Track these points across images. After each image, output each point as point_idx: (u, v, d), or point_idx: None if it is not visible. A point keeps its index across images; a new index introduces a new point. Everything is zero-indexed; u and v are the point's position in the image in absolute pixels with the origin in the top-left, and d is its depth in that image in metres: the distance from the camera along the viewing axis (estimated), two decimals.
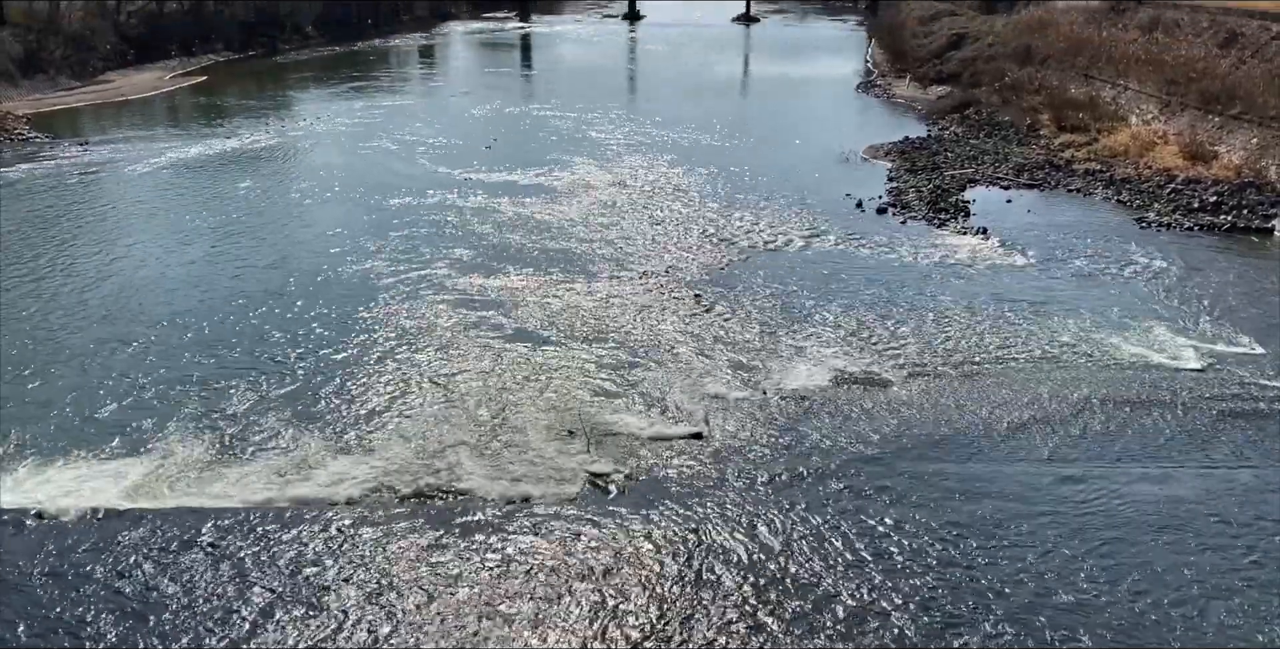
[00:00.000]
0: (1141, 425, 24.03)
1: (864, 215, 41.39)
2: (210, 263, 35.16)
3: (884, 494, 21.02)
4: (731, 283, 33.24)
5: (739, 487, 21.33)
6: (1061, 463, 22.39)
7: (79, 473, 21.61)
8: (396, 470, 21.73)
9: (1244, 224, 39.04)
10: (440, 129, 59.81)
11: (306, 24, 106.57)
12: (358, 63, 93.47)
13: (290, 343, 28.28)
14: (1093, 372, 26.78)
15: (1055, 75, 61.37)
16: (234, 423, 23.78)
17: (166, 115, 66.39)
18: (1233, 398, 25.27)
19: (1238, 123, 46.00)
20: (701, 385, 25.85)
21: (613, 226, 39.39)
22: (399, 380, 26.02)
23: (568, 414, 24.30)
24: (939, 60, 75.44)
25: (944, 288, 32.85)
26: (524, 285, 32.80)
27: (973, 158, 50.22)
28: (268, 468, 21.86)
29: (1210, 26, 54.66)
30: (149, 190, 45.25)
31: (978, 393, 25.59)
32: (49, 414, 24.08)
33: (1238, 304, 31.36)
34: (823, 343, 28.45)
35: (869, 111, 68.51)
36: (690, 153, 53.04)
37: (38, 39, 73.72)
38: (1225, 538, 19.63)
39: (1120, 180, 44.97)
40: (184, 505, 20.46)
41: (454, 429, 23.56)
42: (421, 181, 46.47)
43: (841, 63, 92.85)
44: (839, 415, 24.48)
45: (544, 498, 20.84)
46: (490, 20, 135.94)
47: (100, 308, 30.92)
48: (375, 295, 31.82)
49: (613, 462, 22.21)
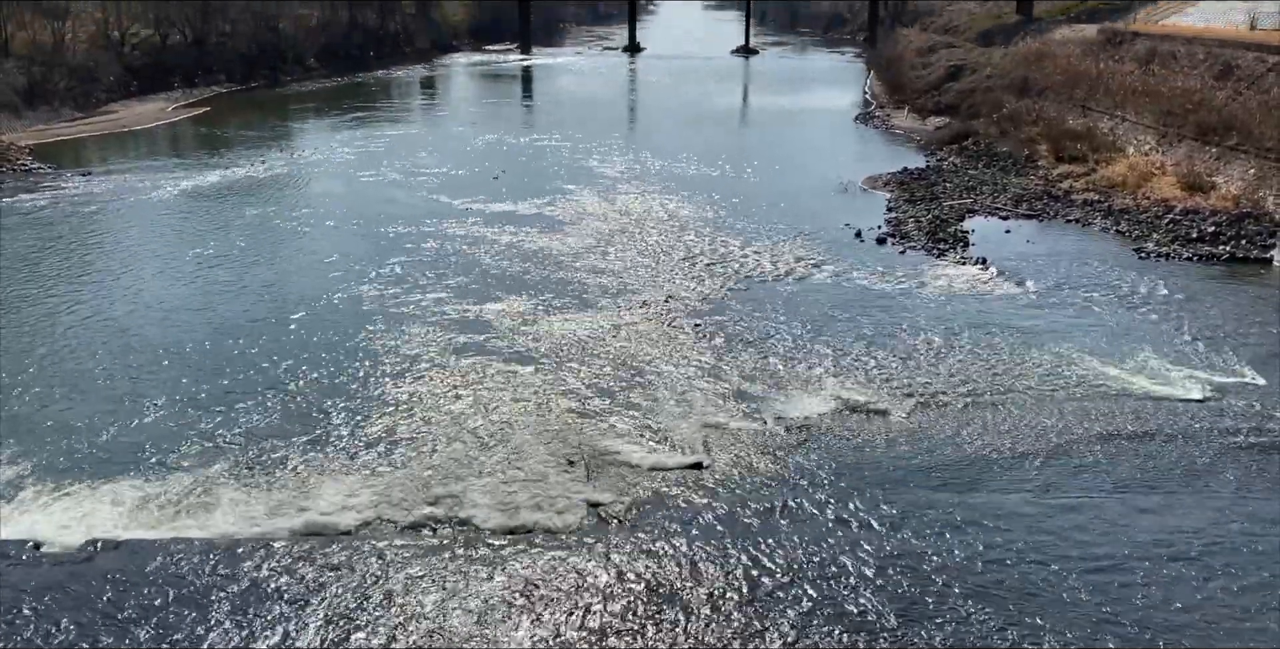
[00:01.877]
0: (1141, 456, 23.96)
1: (863, 245, 41.50)
2: (210, 291, 35.20)
3: (884, 525, 20.94)
4: (731, 312, 33.27)
5: (739, 517, 21.24)
6: (1061, 494, 22.30)
7: (77, 503, 21.54)
8: (396, 500, 21.66)
9: (1242, 254, 39.14)
10: (441, 159, 60.09)
11: (308, 56, 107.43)
12: (360, 94, 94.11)
13: (289, 372, 28.27)
14: (1093, 402, 26.74)
15: (1053, 106, 61.73)
16: (232, 452, 23.72)
17: (169, 146, 66.73)
18: (1233, 429, 25.20)
19: (1235, 154, 46.22)
20: (701, 414, 25.81)
21: (612, 256, 39.49)
22: (398, 408, 25.99)
23: (567, 443, 24.26)
24: (937, 91, 75.89)
25: (943, 318, 32.86)
26: (524, 314, 32.84)
27: (971, 188, 50.42)
28: (266, 498, 21.78)
29: (1206, 59, 55.06)
30: (150, 219, 45.39)
31: (977, 423, 25.56)
32: (48, 442, 24.04)
33: (1237, 334, 31.37)
34: (822, 372, 28.44)
35: (868, 142, 68.85)
36: (690, 183, 53.26)
37: (42, 70, 74.25)
38: (1228, 571, 19.51)
39: (1119, 210, 45.12)
40: (181, 536, 20.36)
41: (453, 458, 23.51)
42: (422, 211, 46.65)
43: (840, 94, 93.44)
44: (839, 445, 24.44)
45: (544, 528, 20.77)
46: (492, 53, 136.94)
47: (100, 335, 30.94)
48: (374, 324, 31.84)
49: (613, 491, 22.16)
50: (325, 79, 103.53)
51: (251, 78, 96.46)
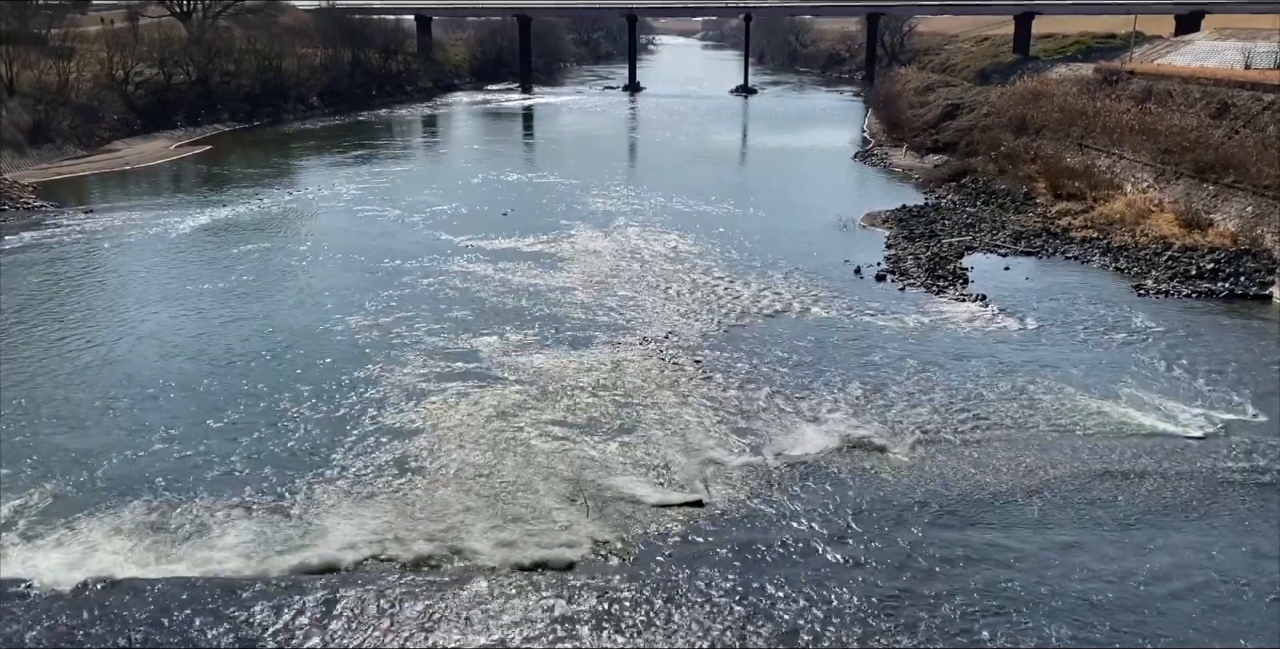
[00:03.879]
0: (1142, 493, 23.89)
1: (863, 282, 41.60)
2: (211, 326, 35.20)
3: (884, 563, 20.83)
4: (731, 349, 33.29)
5: (739, 556, 21.12)
6: (1061, 530, 22.22)
7: (75, 540, 21.45)
8: (397, 537, 21.58)
9: (1241, 291, 39.25)
10: (444, 196, 60.36)
11: (311, 94, 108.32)
12: (362, 132, 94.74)
13: (290, 407, 28.23)
14: (1093, 439, 26.69)
15: (1050, 144, 62.14)
16: (232, 488, 23.64)
17: (171, 184, 67.07)
18: (1234, 466, 25.15)
19: (1232, 191, 46.45)
20: (702, 451, 25.76)
21: (613, 292, 39.56)
22: (399, 444, 25.92)
23: (568, 479, 24.18)
24: (935, 130, 76.43)
25: (943, 354, 32.87)
26: (525, 350, 32.84)
27: (970, 225, 50.64)
28: (266, 535, 21.69)
29: (1202, 97, 55.47)
30: (151, 256, 45.53)
31: (978, 460, 25.49)
32: (46, 478, 23.98)
33: (1238, 371, 31.36)
34: (822, 409, 28.41)
35: (866, 180, 69.22)
36: (690, 220, 53.48)
37: (46, 109, 74.80)
38: (1230, 609, 19.40)
39: (1117, 248, 45.29)
40: (181, 575, 20.27)
41: (455, 494, 23.42)
42: (423, 247, 46.80)
43: (839, 132, 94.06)
44: (839, 482, 24.36)
45: (545, 565, 20.66)
46: (493, 92, 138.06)
47: (101, 371, 30.94)
48: (374, 359, 31.83)
49: (614, 529, 22.06)
50: (328, 117, 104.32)
51: (254, 116, 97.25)
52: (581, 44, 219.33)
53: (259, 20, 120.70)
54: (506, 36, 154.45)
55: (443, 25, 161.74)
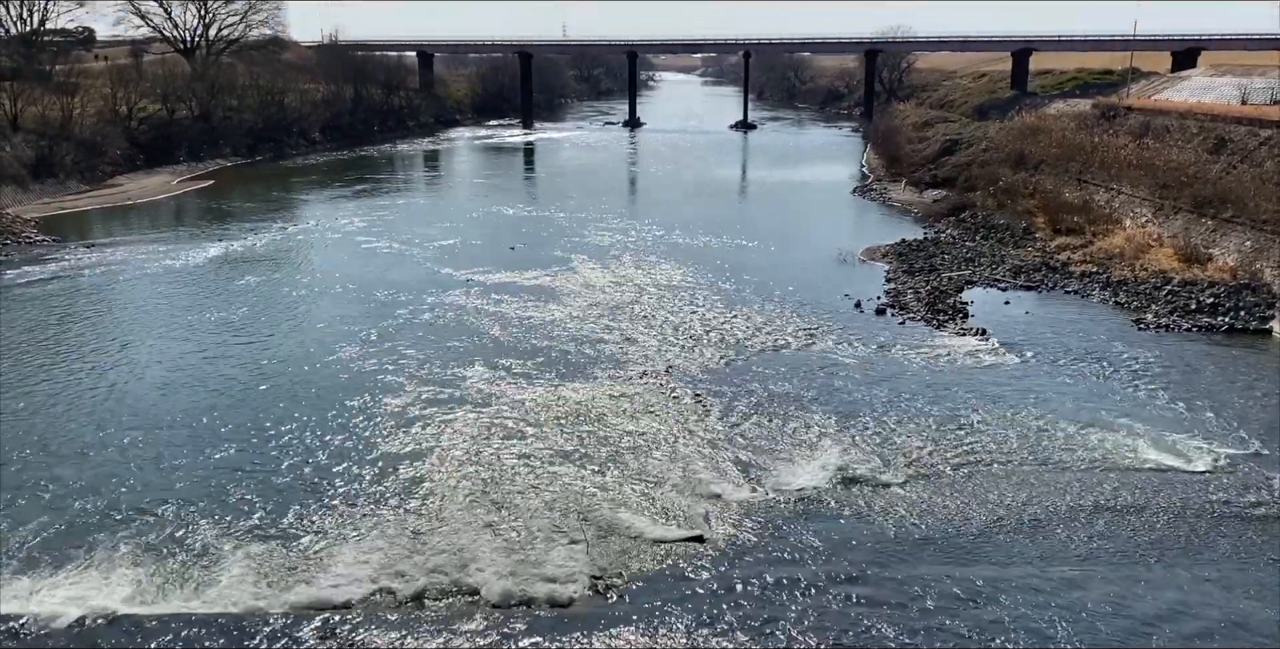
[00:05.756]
0: (1145, 528, 23.72)
1: (862, 316, 41.60)
2: (212, 361, 35.16)
3: (886, 601, 20.64)
4: (731, 382, 33.21)
5: (739, 593, 20.95)
6: (1062, 565, 22.03)
7: (76, 575, 21.29)
8: (396, 572, 21.43)
9: (1242, 325, 39.24)
10: (446, 231, 60.54)
11: (314, 130, 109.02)
12: (364, 167, 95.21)
13: (290, 440, 28.13)
14: (1094, 473, 26.55)
15: (1049, 179, 62.42)
16: (233, 521, 23.50)
17: (173, 218, 67.28)
18: (1237, 501, 25.00)
19: (1230, 226, 46.59)
20: (702, 485, 25.62)
21: (613, 326, 39.55)
22: (400, 478, 25.79)
23: (568, 514, 24.03)
24: (934, 165, 76.82)
25: (943, 389, 32.79)
26: (524, 383, 32.77)
27: (969, 260, 50.73)
28: (267, 569, 21.53)
29: (1200, 132, 55.82)
30: (152, 291, 45.59)
31: (979, 494, 25.34)
32: (47, 512, 23.84)
33: (1241, 405, 31.27)
34: (822, 443, 28.29)
35: (866, 214, 69.44)
36: (690, 254, 53.59)
37: (50, 144, 75.24)
38: (1234, 645, 19.20)
39: (1117, 282, 45.33)
40: (179, 612, 20.09)
41: (454, 529, 23.27)
42: (424, 282, 46.87)
43: (838, 167, 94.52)
44: (839, 517, 24.21)
45: (545, 600, 20.51)
46: (494, 127, 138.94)
47: (103, 404, 30.84)
48: (375, 393, 31.76)
49: (613, 564, 21.89)
50: (330, 152, 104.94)
51: (257, 151, 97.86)
52: (582, 80, 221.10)
53: (262, 56, 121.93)
54: (508, 72, 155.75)
55: (445, 61, 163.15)
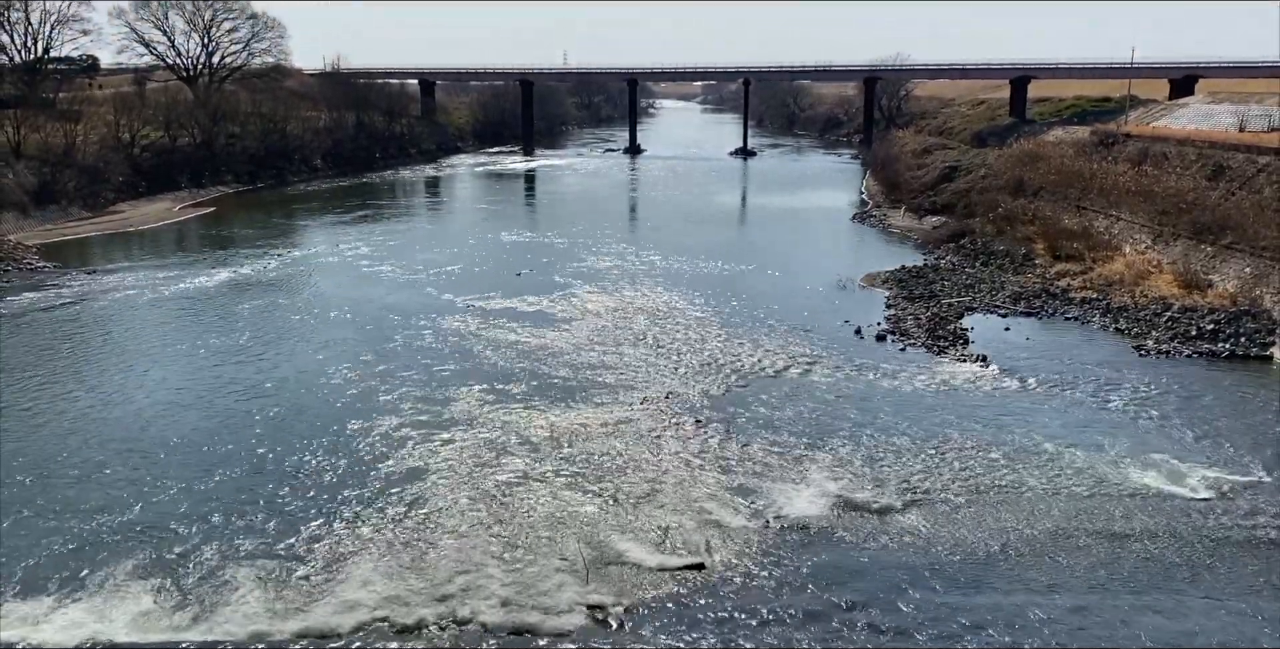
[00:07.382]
0: (1149, 555, 23.60)
1: (863, 342, 41.58)
2: (213, 385, 35.09)
3: (889, 630, 20.49)
4: (731, 409, 33.15)
5: (739, 622, 20.80)
6: (1067, 593, 21.90)
7: (77, 603, 21.17)
8: (395, 600, 21.31)
9: (1243, 351, 39.24)
10: (447, 257, 60.63)
11: (315, 156, 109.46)
12: (365, 193, 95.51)
13: (291, 465, 28.05)
14: (1097, 500, 26.44)
15: (1048, 206, 62.57)
16: (235, 547, 23.39)
17: (174, 245, 67.43)
18: (1241, 527, 24.90)
19: (1230, 252, 46.66)
20: (702, 513, 25.50)
21: (613, 352, 39.52)
22: (401, 506, 25.68)
23: (568, 541, 23.92)
24: (933, 191, 77.02)
25: (944, 415, 32.71)
26: (525, 410, 32.71)
27: (969, 286, 50.77)
28: (267, 598, 21.41)
29: (1198, 159, 56.01)
30: (152, 317, 45.61)
31: (980, 522, 25.22)
32: (49, 538, 23.74)
33: (1242, 432, 31.18)
34: (823, 470, 28.20)
35: (865, 241, 69.58)
36: (690, 280, 53.65)
37: (52, 171, 75.50)
38: None
39: (1117, 308, 45.35)
40: (179, 640, 19.96)
41: (453, 557, 23.15)
42: (425, 308, 46.88)
43: (837, 194, 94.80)
44: (840, 545, 24.08)
45: (545, 631, 20.37)
46: (495, 154, 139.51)
47: (104, 430, 30.78)
48: (377, 419, 31.69)
49: (613, 593, 21.76)
50: (331, 179, 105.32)
51: (258, 178, 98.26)
52: (583, 107, 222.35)
53: (265, 84, 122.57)
54: (509, 100, 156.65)
55: (446, 89, 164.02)
